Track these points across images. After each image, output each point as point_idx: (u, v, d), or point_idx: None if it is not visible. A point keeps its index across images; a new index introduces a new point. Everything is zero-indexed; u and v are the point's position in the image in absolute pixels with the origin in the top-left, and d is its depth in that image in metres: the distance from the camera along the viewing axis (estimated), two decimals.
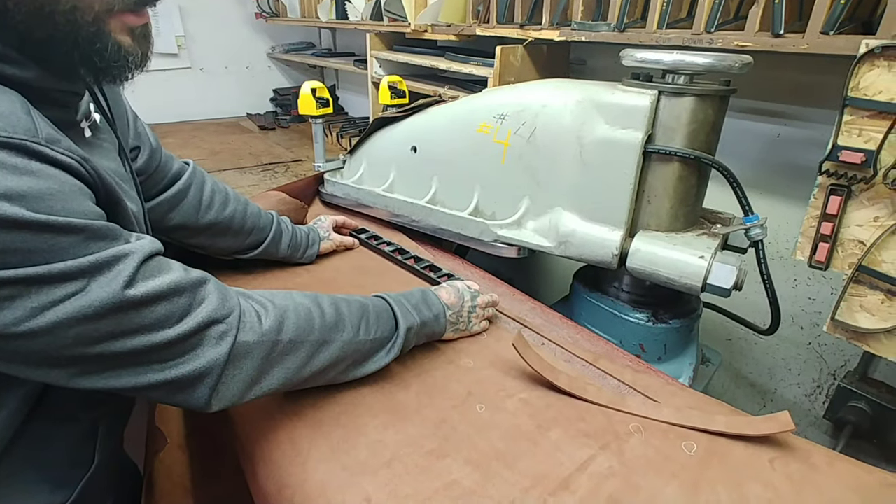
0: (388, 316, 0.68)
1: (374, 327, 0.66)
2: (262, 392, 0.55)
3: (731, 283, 0.78)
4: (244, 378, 0.53)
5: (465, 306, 0.79)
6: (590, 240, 0.89)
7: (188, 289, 0.50)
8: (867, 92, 0.74)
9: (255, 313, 0.55)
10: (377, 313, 0.67)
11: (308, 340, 0.58)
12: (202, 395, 0.51)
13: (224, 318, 0.52)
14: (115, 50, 0.48)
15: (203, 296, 0.51)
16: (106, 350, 0.45)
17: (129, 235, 0.49)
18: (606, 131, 0.85)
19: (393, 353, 0.68)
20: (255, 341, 0.53)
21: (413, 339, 0.71)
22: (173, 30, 2.36)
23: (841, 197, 0.79)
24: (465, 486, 0.55)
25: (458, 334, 0.80)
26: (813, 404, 1.23)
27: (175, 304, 0.48)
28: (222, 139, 2.15)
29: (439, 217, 1.09)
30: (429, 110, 1.13)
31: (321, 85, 1.19)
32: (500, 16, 1.32)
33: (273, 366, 0.55)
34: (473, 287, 0.84)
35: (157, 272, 0.48)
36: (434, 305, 0.75)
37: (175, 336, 0.48)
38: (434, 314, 0.74)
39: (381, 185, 1.21)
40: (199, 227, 0.86)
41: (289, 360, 0.57)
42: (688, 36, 0.96)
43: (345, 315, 0.63)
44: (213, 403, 0.52)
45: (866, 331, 0.80)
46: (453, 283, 0.83)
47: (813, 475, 0.59)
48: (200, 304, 0.51)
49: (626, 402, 0.68)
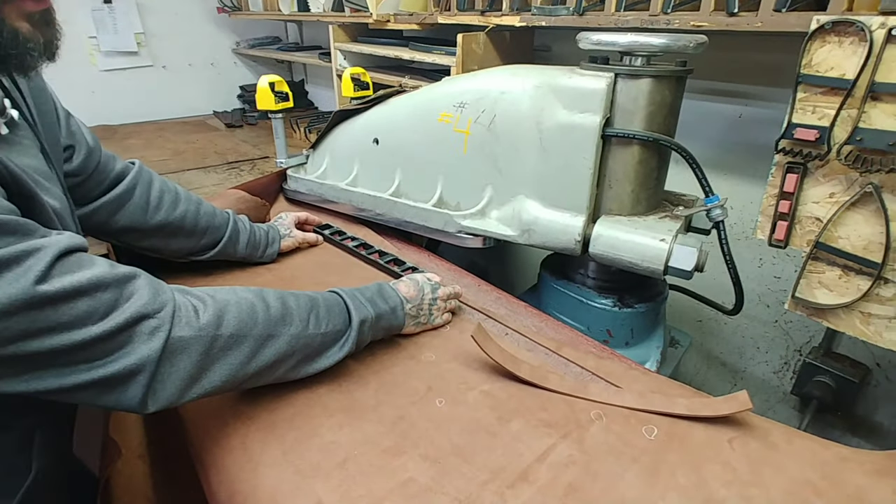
0: (339, 309, 0.66)
1: (325, 321, 0.63)
2: (204, 391, 0.53)
3: (692, 265, 0.78)
4: (182, 375, 0.51)
5: (426, 299, 0.78)
6: (552, 227, 0.88)
7: (112, 284, 0.48)
8: (819, 68, 0.74)
9: (192, 307, 0.53)
10: (328, 307, 0.65)
11: (251, 335, 0.56)
12: (135, 394, 0.48)
13: (155, 312, 0.49)
14: (13, 37, 0.46)
15: (131, 291, 0.49)
16: (22, 350, 0.42)
17: (47, 232, 0.47)
18: (564, 116, 0.83)
19: (347, 348, 0.65)
20: (192, 336, 0.51)
21: (369, 333, 0.69)
22: (132, 27, 2.29)
23: (797, 175, 0.79)
24: (420, 484, 0.53)
25: (420, 328, 0.78)
26: (781, 381, 1.25)
27: (98, 300, 0.46)
28: (187, 138, 2.09)
29: (403, 210, 1.07)
30: (390, 101, 1.11)
31: (279, 79, 1.16)
32: (461, 3, 1.30)
33: (214, 362, 0.53)
34: (434, 279, 0.82)
35: (77, 267, 0.46)
36: (391, 298, 0.73)
37: (100, 333, 0.45)
38: (391, 307, 0.72)
39: (344, 179, 1.18)
40: (149, 228, 0.82)
41: (231, 355, 0.54)
42: (645, 17, 0.95)
43: (292, 308, 0.61)
44: (149, 403, 0.49)
45: (825, 306, 0.81)
46: (413, 276, 0.81)
47: (771, 453, 0.59)
48: (128, 300, 0.48)
49: (589, 390, 0.68)
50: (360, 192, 1.14)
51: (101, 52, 2.25)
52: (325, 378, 0.68)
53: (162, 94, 2.46)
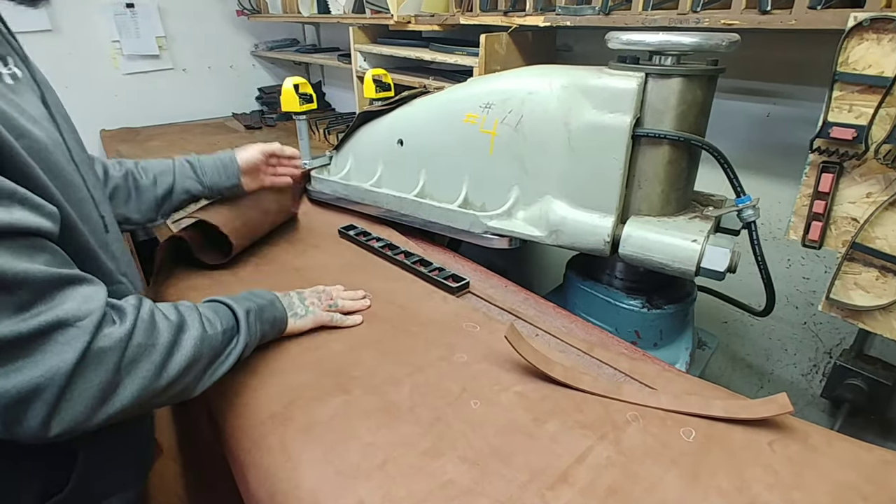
0: (223, 308, 0.66)
1: (216, 320, 0.62)
2: (115, 410, 0.48)
3: (725, 266, 0.77)
4: (93, 392, 0.46)
5: (294, 297, 0.79)
6: (581, 227, 0.88)
7: (40, 284, 0.43)
8: (857, 66, 0.73)
9: (111, 318, 0.49)
10: (212, 308, 0.64)
11: (158, 343, 0.52)
12: (37, 413, 0.43)
13: (77, 320, 0.45)
14: None
15: (60, 296, 0.45)
16: None
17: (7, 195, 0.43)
18: (594, 116, 0.83)
19: (242, 341, 0.64)
20: (109, 347, 0.47)
21: (256, 325, 0.68)
22: (153, 30, 2.32)
23: (833, 174, 0.78)
24: (461, 485, 0.53)
25: (303, 321, 0.77)
26: (810, 383, 1.23)
27: (14, 296, 0.42)
28: (208, 140, 2.12)
29: (429, 210, 1.08)
30: (414, 102, 1.11)
31: (304, 81, 1.17)
32: (484, 3, 1.30)
33: (125, 376, 0.49)
34: (298, 290, 0.83)
35: (14, 254, 0.42)
36: (262, 295, 0.73)
37: (6, 333, 0.41)
38: (267, 300, 0.72)
39: (368, 180, 1.19)
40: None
41: (141, 367, 0.50)
42: (674, 16, 0.94)
43: (184, 314, 0.59)
44: (52, 426, 0.44)
45: (861, 308, 0.79)
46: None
47: (813, 456, 0.58)
48: (51, 303, 0.44)
49: (623, 391, 0.68)
50: (384, 193, 1.15)
51: (124, 55, 2.28)
52: (358, 380, 0.68)
53: (182, 96, 2.50)
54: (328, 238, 1.14)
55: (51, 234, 0.47)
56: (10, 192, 0.44)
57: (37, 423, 0.43)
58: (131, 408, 0.50)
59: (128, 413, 0.50)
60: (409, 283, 0.95)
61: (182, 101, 2.50)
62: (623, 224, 0.85)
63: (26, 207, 0.45)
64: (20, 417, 0.43)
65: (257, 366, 0.71)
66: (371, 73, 1.23)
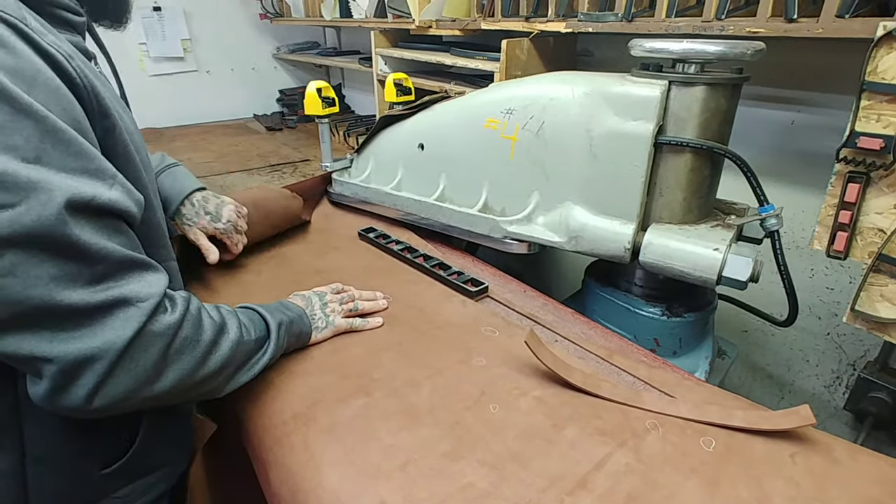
0: (257, 317, 0.68)
1: (251, 327, 0.65)
2: (153, 394, 0.51)
3: (748, 276, 0.77)
4: (138, 373, 0.48)
5: (316, 305, 0.80)
6: (601, 234, 0.88)
7: (117, 262, 0.47)
8: (885, 76, 0.72)
9: (166, 305, 0.52)
10: (247, 315, 0.66)
11: (202, 339, 0.55)
12: (86, 383, 0.45)
13: (139, 301, 0.48)
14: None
15: (129, 276, 0.48)
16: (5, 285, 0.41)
17: (111, 174, 0.47)
18: (616, 123, 0.83)
19: (270, 351, 0.67)
20: (161, 332, 0.50)
21: (285, 338, 0.70)
22: (179, 33, 2.37)
23: (859, 184, 0.77)
24: (480, 489, 0.54)
25: (324, 333, 0.78)
26: (832, 395, 1.21)
27: (92, 269, 0.45)
28: (230, 141, 2.16)
29: (448, 214, 1.08)
30: (435, 107, 1.12)
31: (326, 84, 1.18)
32: (505, 9, 1.31)
33: (170, 364, 0.51)
34: (320, 290, 0.84)
35: (101, 229, 0.46)
36: (293, 308, 0.75)
37: (77, 301, 0.44)
38: (297, 314, 0.74)
39: (388, 183, 1.20)
40: None
41: (184, 359, 0.53)
42: (698, 24, 0.94)
43: (225, 317, 0.61)
44: (96, 399, 0.46)
45: (888, 321, 0.78)
46: (299, 292, 0.83)
47: (836, 469, 0.58)
48: (120, 281, 0.47)
49: (642, 399, 0.68)
50: (404, 197, 1.16)
51: (150, 57, 2.34)
52: (379, 382, 0.69)
53: (205, 97, 2.55)
54: (348, 240, 1.16)
55: (134, 218, 0.51)
56: (113, 174, 0.48)
57: (84, 392, 0.46)
58: (168, 395, 0.53)
59: (164, 399, 0.53)
60: (427, 285, 0.96)
61: (205, 102, 2.55)
62: (644, 231, 0.85)
63: (123, 190, 0.49)
64: (71, 384, 0.45)
65: (282, 368, 0.72)
66: (392, 77, 1.24)
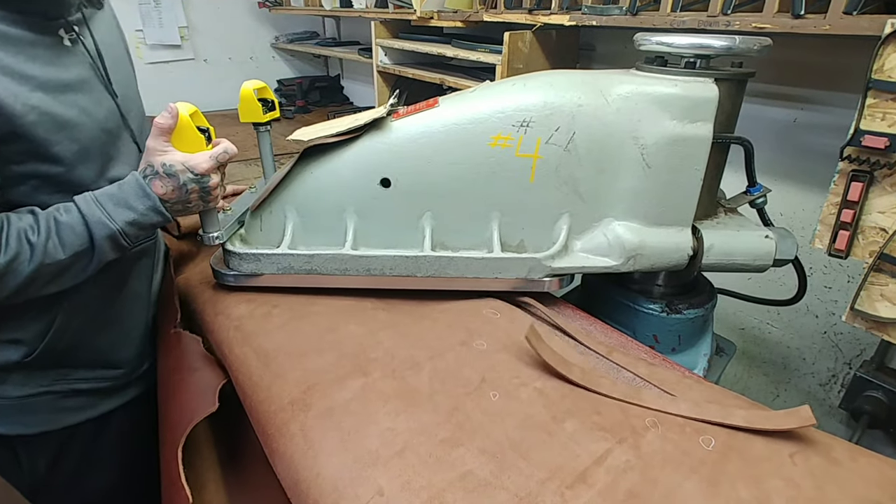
0: (80, 231, 0.67)
1: (63, 247, 0.66)
2: None
3: (795, 252, 0.81)
4: None
5: (189, 187, 0.71)
6: (663, 247, 0.82)
7: None
8: (892, 74, 0.72)
9: None
10: (70, 226, 0.67)
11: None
12: None
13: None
14: None
15: None
16: None
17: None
18: (674, 128, 0.77)
19: (93, 265, 0.69)
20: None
21: (125, 240, 0.70)
22: (176, 20, 2.35)
23: (863, 183, 0.77)
24: (480, 477, 0.54)
25: (203, 206, 0.76)
26: (828, 394, 1.21)
27: None
28: (227, 131, 2.13)
29: (462, 265, 0.83)
30: (391, 126, 0.80)
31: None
32: (508, 1, 1.30)
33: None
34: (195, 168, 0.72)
35: None
36: (144, 199, 0.69)
37: None
38: (146, 207, 0.69)
39: (335, 242, 0.84)
40: None
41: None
42: (703, 18, 0.93)
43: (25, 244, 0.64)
44: None
45: (887, 320, 0.78)
46: (169, 169, 0.70)
47: (835, 470, 0.58)
48: None
49: (642, 396, 0.67)
50: (375, 256, 0.83)
51: (147, 45, 2.31)
52: (377, 363, 0.69)
53: (203, 86, 2.52)
54: None
55: None
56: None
57: None
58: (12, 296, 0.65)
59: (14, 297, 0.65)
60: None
61: (202, 91, 2.52)
62: (693, 235, 0.83)
63: None
64: None
65: (277, 350, 0.72)
66: (253, 86, 0.88)
